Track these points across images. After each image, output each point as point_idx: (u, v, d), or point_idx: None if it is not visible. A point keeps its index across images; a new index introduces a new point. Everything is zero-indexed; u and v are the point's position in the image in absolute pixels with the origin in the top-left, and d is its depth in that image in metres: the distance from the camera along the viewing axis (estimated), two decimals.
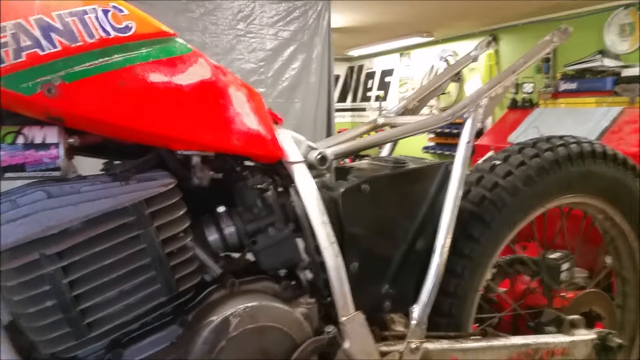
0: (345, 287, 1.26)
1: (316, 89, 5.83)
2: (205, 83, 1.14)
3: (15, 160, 0.94)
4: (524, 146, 1.69)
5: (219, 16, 5.05)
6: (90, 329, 1.05)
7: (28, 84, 0.91)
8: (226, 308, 1.18)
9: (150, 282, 1.11)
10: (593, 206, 1.85)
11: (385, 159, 1.61)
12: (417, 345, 1.37)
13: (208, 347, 1.15)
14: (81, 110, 0.96)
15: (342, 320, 1.26)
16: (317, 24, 5.77)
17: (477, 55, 2.00)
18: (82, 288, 1.03)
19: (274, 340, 1.22)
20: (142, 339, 1.13)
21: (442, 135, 9.22)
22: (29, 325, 1.01)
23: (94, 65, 0.97)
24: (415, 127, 1.53)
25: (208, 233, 1.25)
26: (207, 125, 1.13)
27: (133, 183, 1.08)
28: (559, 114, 4.96)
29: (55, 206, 0.99)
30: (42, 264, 0.98)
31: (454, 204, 1.41)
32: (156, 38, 1.08)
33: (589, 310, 1.92)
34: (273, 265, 1.29)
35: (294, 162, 1.28)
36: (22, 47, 0.91)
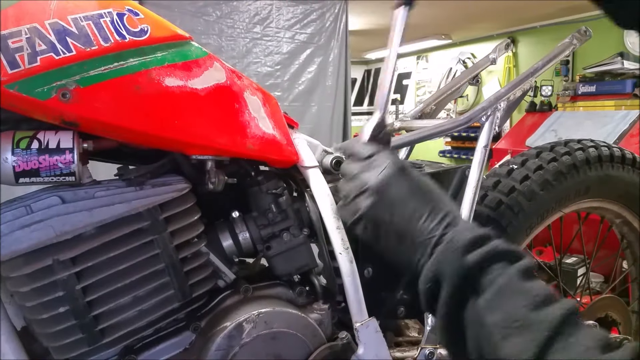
0: (359, 293, 1.25)
1: (333, 92, 5.82)
2: (221, 87, 1.13)
3: (30, 165, 0.94)
4: (542, 150, 1.67)
5: (235, 19, 5.06)
6: (103, 335, 1.05)
7: (43, 89, 0.90)
8: (240, 314, 1.18)
9: (164, 288, 1.10)
10: (611, 211, 1.83)
11: None
12: (431, 351, 1.36)
13: (221, 353, 1.14)
14: (96, 115, 0.96)
15: (356, 326, 1.25)
16: (334, 27, 5.76)
17: (496, 57, 1.98)
18: (95, 294, 1.03)
19: (287, 346, 1.21)
20: (155, 345, 1.13)
21: (459, 139, 9.20)
22: (42, 331, 1.01)
23: (109, 69, 0.97)
24: (432, 131, 1.52)
25: (222, 238, 1.25)
26: (222, 130, 1.12)
27: (147, 188, 1.08)
28: (577, 117, 4.92)
29: (69, 211, 0.99)
30: (56, 269, 0.98)
31: (471, 208, 1.40)
32: (171, 42, 1.08)
33: (605, 315, 1.90)
34: (287, 270, 1.29)
35: (308, 167, 1.28)
36: (37, 52, 0.91)
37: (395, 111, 10.66)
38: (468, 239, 0.74)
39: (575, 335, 0.63)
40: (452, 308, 0.73)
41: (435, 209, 0.81)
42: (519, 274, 0.70)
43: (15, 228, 0.96)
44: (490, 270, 0.71)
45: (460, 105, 9.24)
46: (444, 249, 0.76)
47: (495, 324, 0.68)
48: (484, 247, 0.73)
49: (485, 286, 0.71)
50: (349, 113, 6.11)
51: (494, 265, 0.72)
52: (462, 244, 0.74)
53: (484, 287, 0.70)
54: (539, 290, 0.68)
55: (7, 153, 0.93)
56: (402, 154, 1.89)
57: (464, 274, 0.72)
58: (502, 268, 0.71)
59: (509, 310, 0.67)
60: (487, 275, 0.71)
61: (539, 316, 0.65)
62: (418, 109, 1.95)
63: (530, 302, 0.66)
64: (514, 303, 0.67)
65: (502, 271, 0.71)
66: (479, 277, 0.71)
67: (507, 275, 0.70)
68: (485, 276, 0.71)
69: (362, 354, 1.25)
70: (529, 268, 0.72)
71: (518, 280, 0.69)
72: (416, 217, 0.81)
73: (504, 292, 0.69)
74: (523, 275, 0.70)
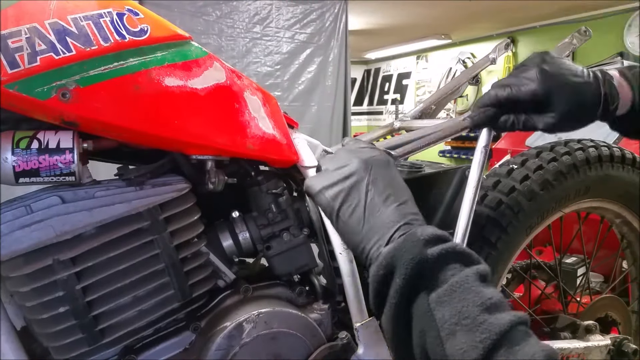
0: (359, 293, 1.25)
1: (332, 92, 5.83)
2: (221, 87, 1.13)
3: (30, 165, 0.94)
4: (542, 150, 1.67)
5: (235, 19, 5.06)
6: (103, 335, 1.05)
7: (43, 89, 0.90)
8: (240, 314, 1.18)
9: (164, 288, 1.10)
10: (611, 210, 1.83)
11: (402, 163, 1.59)
12: None
13: (221, 353, 1.14)
14: (96, 115, 0.96)
15: (356, 326, 1.25)
16: (334, 27, 5.77)
17: (495, 57, 1.99)
18: (95, 294, 1.03)
19: (287, 346, 1.21)
20: (155, 345, 1.12)
21: (458, 138, 9.20)
22: (42, 331, 1.01)
23: (108, 69, 0.97)
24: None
25: (222, 238, 1.25)
26: (222, 130, 1.12)
27: (147, 188, 1.08)
28: None
29: (69, 211, 0.99)
30: (56, 269, 0.98)
31: (471, 208, 1.40)
32: (171, 41, 1.08)
33: (605, 315, 1.91)
34: (287, 270, 1.29)
35: (308, 167, 1.27)
36: (37, 52, 0.91)
37: (395, 111, 10.67)
38: (429, 234, 0.74)
39: (522, 344, 0.63)
40: (403, 298, 0.72)
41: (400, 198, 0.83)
42: (475, 276, 0.70)
43: (15, 228, 0.96)
44: (447, 267, 0.71)
45: (460, 105, 9.25)
46: (404, 239, 0.75)
47: (443, 320, 0.67)
48: (445, 244, 0.73)
49: (439, 281, 0.70)
50: (348, 113, 6.12)
51: (451, 264, 0.72)
52: (424, 237, 0.73)
53: (439, 282, 0.70)
54: (493, 294, 0.68)
55: (7, 153, 0.93)
56: None
57: (420, 265, 0.71)
58: (459, 268, 0.71)
59: (460, 308, 0.67)
60: (443, 271, 0.71)
61: (489, 319, 0.65)
62: (418, 109, 1.95)
63: (483, 303, 0.66)
64: (466, 301, 0.67)
65: (458, 270, 0.71)
66: (435, 272, 0.71)
67: (463, 274, 0.70)
68: (441, 272, 0.71)
69: (362, 354, 1.25)
70: (486, 274, 0.72)
71: (473, 281, 0.69)
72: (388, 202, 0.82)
73: (457, 290, 0.68)
74: (479, 278, 0.70)
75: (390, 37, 9.27)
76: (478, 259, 0.74)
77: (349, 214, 0.83)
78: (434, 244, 0.73)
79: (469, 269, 0.71)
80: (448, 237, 0.76)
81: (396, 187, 0.85)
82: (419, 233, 0.74)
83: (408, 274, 0.71)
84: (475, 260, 0.74)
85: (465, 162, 7.86)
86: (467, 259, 0.73)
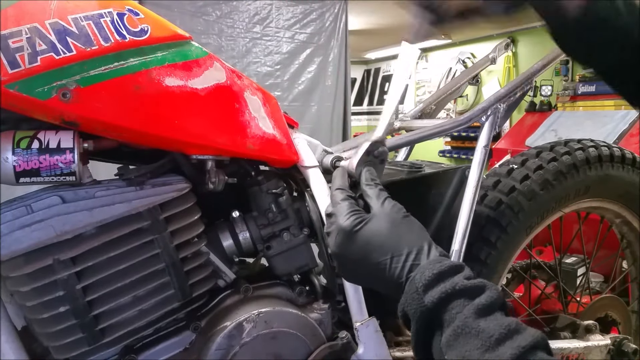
0: (359, 293, 1.25)
1: (332, 92, 5.83)
2: (221, 87, 1.13)
3: (30, 165, 0.94)
4: (542, 150, 1.67)
5: (235, 19, 5.06)
6: (103, 335, 1.05)
7: (43, 89, 0.90)
8: (240, 313, 1.18)
9: (164, 288, 1.10)
10: (611, 210, 1.83)
11: (401, 163, 1.60)
12: None
13: (221, 352, 1.14)
14: (96, 115, 0.96)
15: (356, 325, 1.25)
16: (334, 27, 5.77)
17: (495, 57, 1.99)
18: (95, 293, 1.03)
19: (287, 345, 1.21)
20: (155, 345, 1.13)
21: (458, 138, 9.21)
22: (42, 331, 1.01)
23: (109, 69, 0.97)
24: (432, 131, 1.51)
25: (222, 238, 1.25)
26: (223, 130, 1.12)
27: (147, 188, 1.08)
28: (577, 116, 4.93)
29: (69, 211, 0.99)
30: (56, 269, 0.98)
31: (470, 208, 1.40)
32: (172, 41, 1.08)
33: (605, 315, 1.91)
34: (287, 270, 1.29)
35: (308, 167, 1.28)
36: (38, 51, 0.91)
37: (395, 111, 10.66)
38: (426, 278, 0.75)
39: None
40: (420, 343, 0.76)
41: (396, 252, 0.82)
42: (476, 312, 0.70)
43: (15, 228, 0.96)
44: (450, 308, 0.72)
45: (460, 105, 9.25)
46: (407, 289, 0.77)
47: None
48: (443, 285, 0.74)
49: (446, 324, 0.72)
50: (348, 113, 6.12)
51: (453, 303, 0.72)
52: (422, 283, 0.75)
53: (445, 325, 0.72)
54: (494, 329, 0.68)
55: (8, 153, 0.93)
56: (402, 154, 1.89)
57: (425, 315, 0.74)
58: (461, 305, 0.72)
59: (464, 353, 0.68)
60: (447, 313, 0.72)
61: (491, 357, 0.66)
62: (418, 109, 1.95)
63: (484, 343, 0.67)
64: (468, 345, 0.68)
65: (460, 309, 0.72)
66: (440, 315, 0.73)
67: (463, 315, 0.70)
68: (446, 314, 0.72)
69: (362, 353, 1.25)
70: (489, 304, 0.72)
71: (474, 321, 0.69)
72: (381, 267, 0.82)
73: (460, 333, 0.69)
74: (480, 314, 0.70)
75: (390, 37, 9.27)
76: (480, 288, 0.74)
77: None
78: (432, 286, 0.74)
79: (471, 306, 0.71)
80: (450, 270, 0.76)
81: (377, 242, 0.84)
82: (417, 280, 0.76)
83: (418, 325, 0.74)
84: (477, 291, 0.74)
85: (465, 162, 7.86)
86: (468, 293, 0.73)
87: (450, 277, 0.75)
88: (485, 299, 0.72)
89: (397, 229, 0.85)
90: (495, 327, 0.68)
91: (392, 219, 0.86)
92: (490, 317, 0.70)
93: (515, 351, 0.65)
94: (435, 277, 0.75)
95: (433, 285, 0.74)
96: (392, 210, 0.87)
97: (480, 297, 0.73)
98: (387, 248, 0.82)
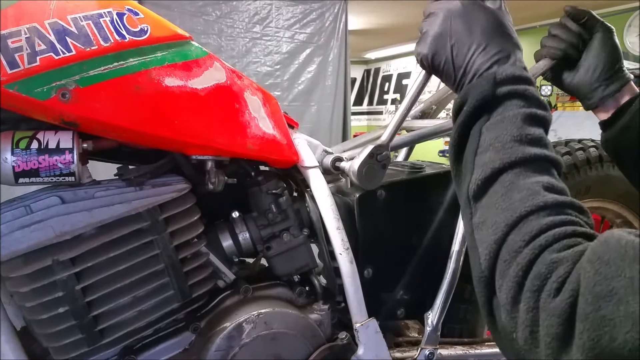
0: (359, 293, 1.25)
1: (332, 92, 5.83)
2: (221, 87, 1.13)
3: (29, 166, 0.94)
4: None
5: (235, 19, 5.06)
6: (103, 335, 1.05)
7: (42, 89, 0.90)
8: (239, 314, 1.18)
9: (163, 288, 1.10)
10: (611, 211, 1.82)
11: (402, 163, 1.59)
12: (432, 351, 1.36)
13: (221, 353, 1.14)
14: (96, 115, 0.95)
15: (356, 326, 1.25)
16: (334, 26, 5.77)
17: None
18: (95, 294, 1.02)
19: (287, 346, 1.21)
20: (154, 345, 1.12)
21: None
22: (42, 332, 1.01)
23: (108, 69, 0.97)
24: (433, 131, 1.51)
25: (222, 238, 1.25)
26: (222, 130, 1.12)
27: (147, 188, 1.07)
28: (577, 116, 4.92)
29: (69, 212, 0.99)
30: (55, 270, 0.98)
31: None
32: (171, 41, 1.07)
33: None
34: (287, 271, 1.28)
35: (308, 167, 1.27)
36: (37, 52, 0.90)
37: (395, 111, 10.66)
38: (506, 74, 0.82)
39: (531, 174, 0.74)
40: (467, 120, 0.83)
41: (490, 45, 0.87)
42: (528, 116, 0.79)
43: (14, 228, 0.96)
44: (508, 104, 0.81)
45: None
46: (483, 76, 0.84)
47: (484, 140, 0.79)
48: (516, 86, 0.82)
49: (496, 114, 0.80)
50: (348, 113, 6.12)
51: (514, 102, 0.81)
52: (500, 77, 0.82)
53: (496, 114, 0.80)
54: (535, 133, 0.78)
55: (7, 153, 0.93)
56: (402, 154, 1.88)
57: (485, 99, 0.81)
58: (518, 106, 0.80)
59: (498, 134, 0.77)
60: (503, 107, 0.81)
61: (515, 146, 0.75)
62: (418, 109, 1.94)
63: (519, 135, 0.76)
64: (506, 131, 0.77)
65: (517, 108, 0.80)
66: (496, 106, 0.81)
67: (517, 111, 0.79)
68: (501, 106, 0.81)
69: (362, 354, 1.25)
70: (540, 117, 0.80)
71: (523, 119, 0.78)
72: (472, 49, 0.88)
73: (505, 121, 0.78)
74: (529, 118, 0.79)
75: (390, 37, 9.27)
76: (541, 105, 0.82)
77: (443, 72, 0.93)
78: (508, 84, 0.82)
79: (526, 109, 0.80)
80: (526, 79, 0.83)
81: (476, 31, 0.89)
82: (497, 73, 0.82)
83: (473, 105, 0.82)
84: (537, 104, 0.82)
85: None
86: (530, 101, 0.81)
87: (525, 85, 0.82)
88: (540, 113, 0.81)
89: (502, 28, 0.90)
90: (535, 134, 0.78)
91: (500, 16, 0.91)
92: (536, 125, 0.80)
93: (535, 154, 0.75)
94: (514, 78, 0.82)
95: (510, 83, 0.82)
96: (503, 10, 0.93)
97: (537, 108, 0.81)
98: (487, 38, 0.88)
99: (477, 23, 0.89)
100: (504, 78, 0.82)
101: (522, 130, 0.77)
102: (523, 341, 0.63)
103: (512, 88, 0.81)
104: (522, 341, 0.63)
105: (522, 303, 0.63)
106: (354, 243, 1.27)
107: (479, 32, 0.88)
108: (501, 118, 0.79)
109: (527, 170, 0.74)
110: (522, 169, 0.74)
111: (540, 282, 0.62)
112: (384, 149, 1.17)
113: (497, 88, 0.81)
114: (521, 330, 0.63)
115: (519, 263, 0.65)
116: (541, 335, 0.60)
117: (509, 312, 0.66)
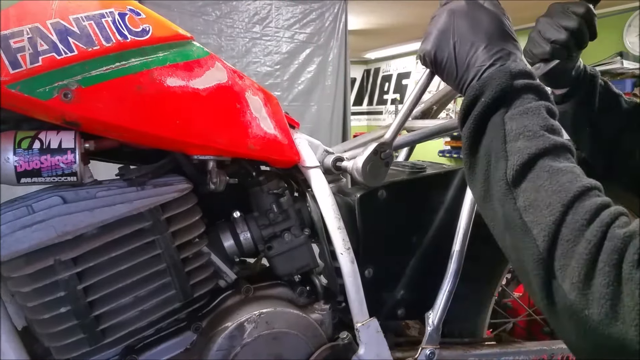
0: (360, 293, 1.25)
1: (332, 92, 5.82)
2: (222, 87, 1.13)
3: (31, 165, 0.94)
4: None
5: (235, 19, 5.05)
6: (104, 335, 1.05)
7: (45, 89, 0.90)
8: (241, 314, 1.18)
9: (165, 288, 1.10)
10: None
11: (403, 163, 1.59)
12: (432, 351, 1.36)
13: (223, 353, 1.14)
14: (97, 115, 0.96)
15: (357, 326, 1.25)
16: (334, 26, 5.76)
17: None
18: (96, 294, 1.03)
19: (288, 346, 1.21)
20: (156, 345, 1.13)
21: (459, 138, 9.15)
22: (43, 332, 1.01)
23: (110, 69, 0.97)
24: (433, 131, 1.51)
25: (223, 238, 1.25)
26: (224, 130, 1.12)
27: (149, 188, 1.08)
28: None
29: (70, 211, 0.99)
30: (57, 270, 0.98)
31: (471, 209, 1.39)
32: (173, 41, 1.07)
33: None
34: (288, 270, 1.29)
35: (309, 167, 1.27)
36: (39, 52, 0.91)
37: (395, 111, 10.65)
38: (519, 69, 0.85)
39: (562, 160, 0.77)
40: (484, 112, 0.85)
41: (492, 44, 0.90)
42: (546, 108, 0.83)
43: (16, 228, 0.96)
44: (526, 96, 0.84)
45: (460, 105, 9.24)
46: (498, 69, 0.86)
47: (511, 130, 0.81)
48: (530, 80, 0.85)
49: (516, 105, 0.83)
50: (348, 113, 6.11)
51: (530, 95, 0.84)
52: (514, 71, 0.85)
53: (516, 105, 0.83)
54: (555, 124, 0.82)
55: (9, 153, 0.93)
56: (402, 154, 1.88)
57: (505, 90, 0.83)
58: (535, 99, 0.84)
59: (526, 123, 0.80)
60: (521, 99, 0.84)
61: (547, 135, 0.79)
62: (418, 109, 1.94)
63: (545, 125, 0.80)
64: (533, 120, 0.81)
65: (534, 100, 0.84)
66: (515, 98, 0.84)
67: (537, 103, 0.83)
68: (520, 99, 0.84)
69: (363, 354, 1.25)
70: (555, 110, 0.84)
71: (544, 111, 0.82)
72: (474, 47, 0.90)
73: (529, 112, 0.81)
74: (549, 111, 0.83)
75: (390, 37, 9.26)
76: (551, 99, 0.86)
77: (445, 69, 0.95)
78: (522, 77, 0.85)
79: (543, 102, 0.84)
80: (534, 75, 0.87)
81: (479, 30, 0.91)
82: (511, 67, 0.85)
83: (492, 95, 0.84)
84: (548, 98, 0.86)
85: None
86: (544, 95, 0.86)
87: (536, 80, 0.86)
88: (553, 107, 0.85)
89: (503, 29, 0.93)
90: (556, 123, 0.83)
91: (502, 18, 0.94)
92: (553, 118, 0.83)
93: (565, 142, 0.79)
94: (526, 73, 0.86)
95: (522, 77, 0.85)
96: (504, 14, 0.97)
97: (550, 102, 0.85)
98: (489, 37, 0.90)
99: (479, 22, 0.91)
100: (518, 72, 0.85)
101: (546, 121, 0.81)
102: (603, 316, 0.64)
103: (528, 82, 0.85)
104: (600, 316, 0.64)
105: (600, 278, 0.64)
106: (355, 243, 1.28)
107: (481, 31, 0.90)
108: (524, 109, 0.82)
109: (558, 156, 0.77)
110: (554, 155, 0.77)
111: (618, 256, 0.64)
112: (387, 147, 1.17)
113: (514, 81, 0.84)
114: (600, 306, 0.64)
115: (589, 240, 0.66)
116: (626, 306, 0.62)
117: (580, 290, 0.66)
